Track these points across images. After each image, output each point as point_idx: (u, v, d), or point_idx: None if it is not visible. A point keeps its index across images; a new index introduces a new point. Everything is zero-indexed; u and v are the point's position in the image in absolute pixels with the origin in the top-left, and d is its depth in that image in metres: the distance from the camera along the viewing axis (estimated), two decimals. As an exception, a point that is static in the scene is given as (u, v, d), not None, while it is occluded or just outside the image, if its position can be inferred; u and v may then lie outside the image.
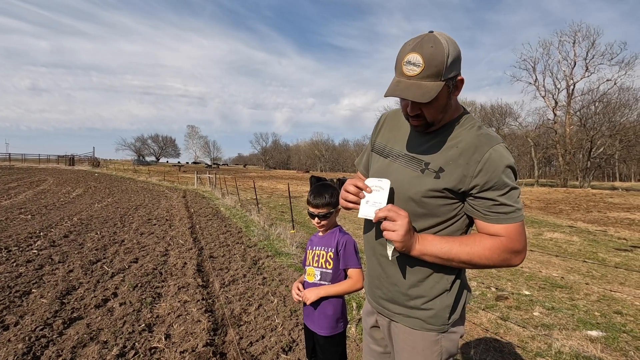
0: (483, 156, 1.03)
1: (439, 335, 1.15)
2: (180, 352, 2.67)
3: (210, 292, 4.06)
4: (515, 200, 1.05)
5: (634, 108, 36.58)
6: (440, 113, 1.08)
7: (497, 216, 1.04)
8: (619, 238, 9.76)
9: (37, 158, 49.56)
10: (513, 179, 1.05)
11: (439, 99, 1.03)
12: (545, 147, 45.10)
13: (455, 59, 1.00)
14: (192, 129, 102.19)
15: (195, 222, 8.98)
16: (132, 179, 28.51)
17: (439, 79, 0.99)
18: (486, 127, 1.13)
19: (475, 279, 5.19)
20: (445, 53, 0.97)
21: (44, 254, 5.28)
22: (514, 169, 1.06)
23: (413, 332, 1.17)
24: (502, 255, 1.05)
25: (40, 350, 2.62)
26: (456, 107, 1.14)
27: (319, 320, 1.76)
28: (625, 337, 3.39)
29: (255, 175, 46.65)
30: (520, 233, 1.05)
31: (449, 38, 1.01)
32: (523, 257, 1.07)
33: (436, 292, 1.14)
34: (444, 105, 1.06)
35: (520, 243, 1.05)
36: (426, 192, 1.08)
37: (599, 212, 15.60)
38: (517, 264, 1.08)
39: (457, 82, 1.05)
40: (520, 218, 1.05)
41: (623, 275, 5.80)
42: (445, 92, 1.03)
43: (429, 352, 1.15)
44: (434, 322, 1.14)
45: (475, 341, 3.17)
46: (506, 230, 1.04)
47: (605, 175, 68.22)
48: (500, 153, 1.03)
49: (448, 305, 1.14)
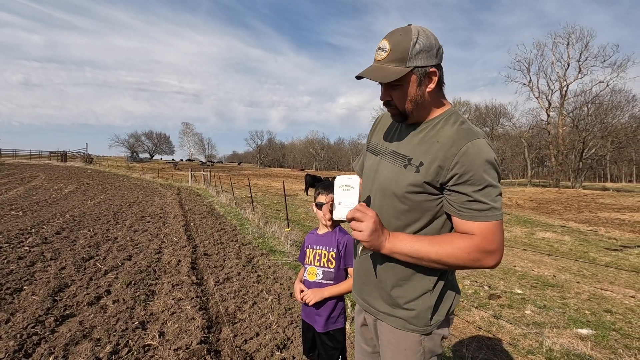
0: (460, 149, 1.01)
1: (421, 336, 1.14)
2: (174, 350, 2.66)
3: (204, 290, 4.04)
4: (493, 198, 1.01)
5: (625, 110, 37.11)
6: (410, 102, 1.09)
7: (470, 213, 1.02)
8: (610, 238, 9.90)
9: (29, 154, 48.88)
10: (493, 176, 1.01)
11: (405, 86, 1.06)
12: (538, 148, 45.54)
13: (424, 49, 1.03)
14: (187, 126, 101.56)
15: (190, 219, 8.93)
16: (125, 175, 28.26)
17: (403, 65, 1.03)
18: (472, 123, 1.13)
19: (468, 278, 5.23)
20: (412, 42, 1.02)
21: (36, 251, 5.22)
22: (494, 165, 1.02)
23: (396, 332, 1.17)
24: (473, 254, 1.01)
25: (32, 348, 2.60)
26: (439, 102, 1.15)
27: (320, 317, 1.79)
28: (615, 335, 3.45)
29: (250, 173, 46.53)
30: (494, 233, 1.01)
31: (424, 30, 1.05)
32: (497, 258, 1.03)
33: (418, 293, 1.13)
34: (414, 94, 1.08)
35: (494, 244, 1.01)
36: (407, 187, 1.09)
37: (590, 213, 15.81)
38: (491, 266, 1.03)
39: (428, 73, 1.06)
40: (495, 217, 1.01)
41: (613, 275, 5.89)
42: (413, 80, 1.06)
43: (411, 353, 1.14)
44: (416, 323, 1.13)
45: (468, 339, 3.21)
46: (479, 229, 1.01)
47: (597, 176, 69.07)
48: (479, 147, 1.01)
49: (430, 306, 1.13)
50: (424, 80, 1.07)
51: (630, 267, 6.55)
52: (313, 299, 1.75)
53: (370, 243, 1.06)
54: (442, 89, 1.17)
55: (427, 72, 1.06)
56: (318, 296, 1.75)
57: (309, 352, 1.92)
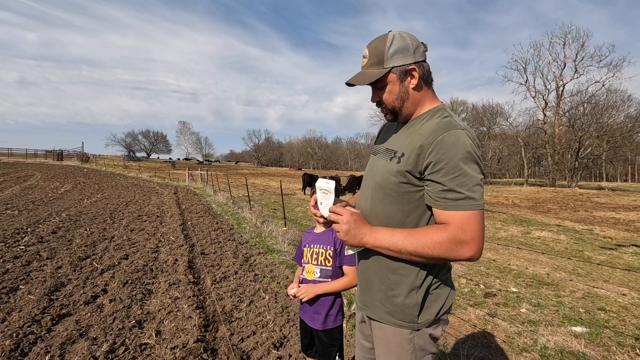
0: (436, 138, 1.04)
1: (412, 333, 1.14)
2: (170, 349, 2.67)
3: (201, 289, 4.05)
4: (469, 188, 1.00)
5: (621, 110, 37.35)
6: (396, 100, 1.16)
7: (445, 202, 1.03)
8: (605, 237, 9.98)
9: (24, 153, 48.57)
10: (470, 166, 1.01)
11: (389, 86, 1.14)
12: (534, 147, 45.75)
13: (400, 49, 1.11)
14: (184, 124, 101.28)
15: (187, 218, 8.92)
16: (122, 174, 28.14)
17: (382, 67, 1.12)
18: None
19: (464, 277, 5.27)
20: (388, 45, 1.11)
21: (32, 250, 5.20)
22: (471, 154, 1.02)
23: (385, 327, 1.19)
24: (447, 245, 1.01)
25: (29, 347, 2.60)
26: (428, 100, 1.18)
27: (317, 315, 1.80)
28: (608, 332, 3.48)
29: (248, 172, 46.46)
30: (470, 223, 1.00)
31: (399, 34, 1.13)
32: (473, 250, 1.01)
33: (405, 289, 1.14)
34: (398, 91, 1.15)
35: (469, 234, 1.00)
36: (390, 177, 1.14)
37: (586, 212, 15.92)
38: (467, 257, 1.01)
39: (407, 70, 1.12)
40: (471, 207, 1.00)
41: (607, 273, 5.95)
42: (394, 79, 1.13)
43: (401, 350, 1.16)
44: (402, 319, 1.14)
45: (464, 337, 3.23)
46: (453, 218, 1.01)
47: (593, 176, 69.51)
48: (456, 137, 1.03)
49: (417, 303, 1.13)
50: (405, 77, 1.14)
51: (624, 265, 6.61)
52: (306, 295, 1.76)
53: (348, 241, 1.14)
54: (431, 86, 1.20)
55: (406, 69, 1.13)
56: (312, 293, 1.76)
57: (307, 349, 1.93)
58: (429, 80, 1.18)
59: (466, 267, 5.89)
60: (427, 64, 1.17)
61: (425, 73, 1.15)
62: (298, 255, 1.99)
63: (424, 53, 1.15)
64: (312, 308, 1.81)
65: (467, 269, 5.81)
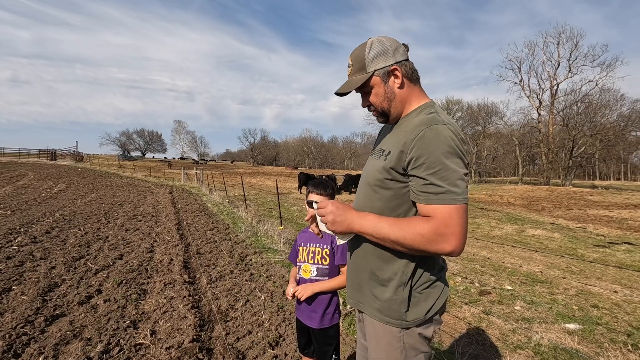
0: (418, 134, 1.05)
1: (401, 332, 1.14)
2: (166, 348, 2.66)
3: (197, 289, 4.03)
4: (451, 182, 1.00)
5: (614, 109, 37.72)
6: (384, 101, 1.19)
7: (426, 196, 1.03)
8: (598, 235, 10.09)
9: (17, 152, 48.01)
10: (452, 159, 1.02)
11: (374, 89, 1.18)
12: (529, 146, 46.09)
13: (379, 53, 1.15)
14: (179, 123, 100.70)
15: (182, 218, 8.88)
16: (116, 174, 27.94)
17: (364, 72, 1.17)
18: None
19: (460, 275, 5.30)
20: (367, 51, 1.16)
21: (25, 251, 5.15)
22: (453, 148, 1.02)
23: (375, 324, 1.19)
24: (427, 237, 1.01)
25: (22, 348, 2.58)
26: (416, 97, 1.20)
27: (314, 314, 1.80)
28: (601, 329, 3.52)
29: (243, 172, 46.33)
30: (452, 217, 1.00)
31: (378, 39, 1.18)
32: (454, 244, 1.00)
33: (392, 285, 1.15)
34: (383, 92, 1.18)
35: (449, 227, 1.00)
36: (376, 174, 1.17)
37: (580, 210, 16.07)
38: (448, 251, 1.01)
39: (389, 71, 1.16)
40: (453, 201, 1.00)
41: (600, 271, 6.01)
42: (378, 82, 1.17)
43: (390, 348, 1.16)
44: (390, 315, 1.15)
45: (459, 335, 3.25)
46: (434, 212, 1.02)
47: (586, 174, 70.21)
48: (437, 131, 1.04)
49: (403, 300, 1.13)
50: (388, 77, 1.17)
51: (617, 263, 6.68)
52: (304, 294, 1.76)
53: (336, 230, 1.17)
54: (417, 83, 1.21)
55: (389, 70, 1.16)
56: (309, 291, 1.76)
57: (304, 349, 1.93)
58: (413, 78, 1.19)
59: (461, 266, 5.93)
60: (409, 63, 1.19)
61: (408, 71, 1.18)
62: (293, 255, 1.99)
63: (404, 53, 1.18)
64: (309, 307, 1.81)
65: (462, 267, 5.84)
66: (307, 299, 1.78)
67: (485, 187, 31.10)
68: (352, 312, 3.41)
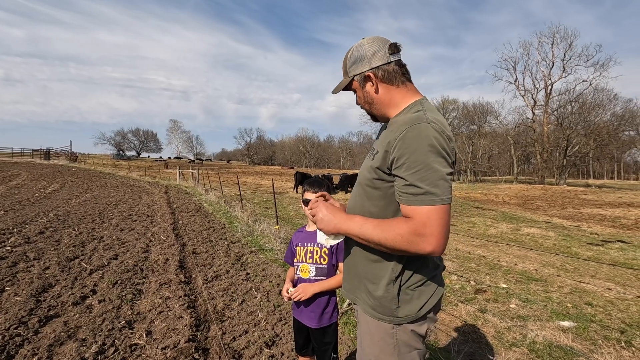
0: (401, 134, 1.05)
1: (394, 328, 1.15)
2: (161, 349, 2.64)
3: (192, 288, 4.02)
4: (431, 182, 0.99)
5: (607, 108, 38.08)
6: (365, 103, 1.25)
7: (407, 197, 1.03)
8: (591, 233, 10.18)
9: (10, 152, 47.47)
10: (433, 159, 1.00)
11: (356, 92, 1.25)
12: (524, 145, 46.39)
13: (356, 60, 1.20)
14: (175, 123, 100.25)
15: (178, 218, 8.84)
16: (111, 174, 27.75)
17: (347, 76, 1.24)
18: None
19: (455, 273, 5.32)
20: (348, 56, 1.22)
21: (18, 251, 5.10)
22: (435, 148, 1.01)
23: (368, 320, 1.21)
24: (407, 237, 1.01)
25: (15, 349, 2.55)
26: (402, 98, 1.20)
27: (313, 314, 1.80)
28: (595, 327, 3.56)
29: (240, 171, 46.19)
30: (430, 218, 0.99)
31: (360, 43, 1.20)
32: (433, 245, 0.99)
33: (383, 282, 1.16)
34: (363, 96, 1.23)
35: (428, 228, 0.99)
36: (366, 174, 1.20)
37: (574, 209, 16.21)
38: (428, 251, 1.00)
39: (365, 77, 1.19)
40: (431, 202, 0.99)
41: (594, 269, 6.07)
42: (357, 86, 1.23)
43: (383, 344, 1.17)
44: (383, 312, 1.16)
45: (455, 333, 3.27)
46: (414, 213, 1.02)
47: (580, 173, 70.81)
48: (419, 130, 1.02)
49: (393, 296, 1.14)
50: (365, 83, 1.21)
51: (610, 261, 6.75)
52: (304, 295, 1.75)
53: (324, 229, 1.21)
54: (402, 84, 1.20)
55: (364, 76, 1.19)
56: (309, 292, 1.76)
57: (301, 349, 1.93)
58: (395, 81, 1.18)
59: (457, 264, 5.95)
60: (389, 66, 1.17)
61: (386, 75, 1.17)
62: (288, 256, 1.98)
63: (384, 56, 1.16)
64: (308, 307, 1.80)
65: (458, 265, 5.87)
66: (306, 299, 1.78)
67: (480, 186, 31.26)
68: (348, 312, 3.41)
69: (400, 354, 1.16)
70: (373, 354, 1.19)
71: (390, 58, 1.17)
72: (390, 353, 1.16)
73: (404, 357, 1.16)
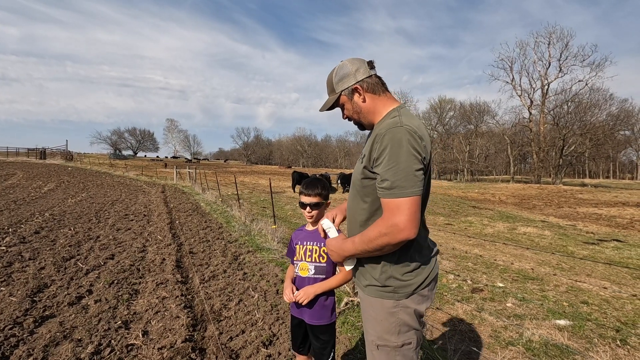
0: (380, 137, 1.21)
1: (396, 307, 1.29)
2: (158, 349, 2.63)
3: (189, 288, 4.00)
4: (400, 177, 1.14)
5: (603, 108, 38.35)
6: (354, 113, 1.41)
7: (382, 191, 1.19)
8: (587, 232, 10.24)
9: (5, 151, 47.12)
10: (405, 157, 1.15)
11: (345, 105, 1.42)
12: (520, 145, 46.61)
13: (342, 77, 1.38)
14: (172, 122, 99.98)
15: (175, 217, 8.81)
16: (108, 173, 27.61)
17: (334, 93, 1.42)
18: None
19: (452, 272, 5.34)
20: (333, 76, 1.41)
21: (13, 251, 5.06)
22: (406, 147, 1.16)
23: (369, 300, 1.35)
24: (385, 230, 1.16)
25: (10, 350, 2.53)
26: (384, 106, 1.37)
27: (316, 312, 1.81)
28: (591, 325, 3.58)
29: (237, 171, 46.09)
30: (400, 208, 1.14)
31: (342, 64, 1.39)
32: (407, 230, 1.14)
33: (381, 264, 1.31)
34: (352, 107, 1.40)
35: (396, 216, 1.14)
36: (357, 175, 1.37)
37: (570, 208, 16.30)
38: (406, 237, 1.15)
39: (352, 90, 1.37)
40: (400, 194, 1.14)
41: (590, 267, 6.10)
42: (346, 99, 1.40)
43: (386, 323, 1.30)
44: (382, 289, 1.31)
45: (451, 332, 3.28)
46: (387, 205, 1.18)
47: (576, 173, 71.23)
48: (393, 134, 1.18)
49: (390, 276, 1.30)
50: (352, 95, 1.38)
51: (606, 259, 6.79)
52: (306, 298, 1.77)
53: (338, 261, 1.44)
54: (383, 93, 1.38)
55: (352, 89, 1.37)
56: (311, 294, 1.77)
57: (299, 346, 1.93)
58: (377, 90, 1.37)
59: (454, 263, 5.97)
60: (371, 79, 1.37)
61: (370, 86, 1.36)
62: (291, 251, 1.97)
63: (366, 71, 1.37)
64: (307, 305, 1.80)
65: (454, 264, 5.89)
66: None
67: (477, 186, 31.38)
68: (345, 311, 3.41)
69: (401, 332, 1.29)
70: (376, 334, 1.32)
71: (370, 72, 1.37)
72: (392, 332, 1.29)
73: (403, 337, 1.30)
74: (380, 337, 1.32)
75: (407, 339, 1.30)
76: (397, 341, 1.29)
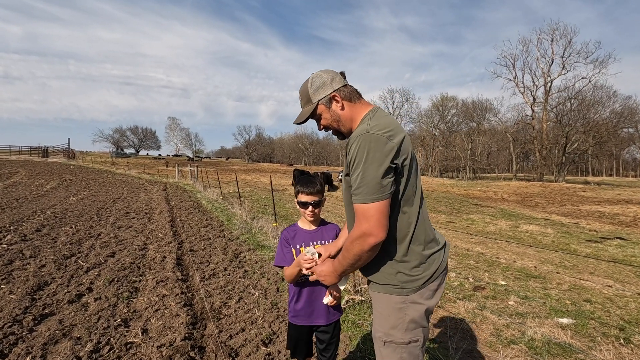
0: (351, 144, 1.25)
1: (404, 303, 1.29)
2: (157, 347, 2.62)
3: (189, 286, 3.99)
4: (366, 182, 1.16)
5: (606, 105, 38.09)
6: (333, 122, 1.41)
7: (354, 197, 1.23)
8: (590, 230, 10.18)
9: (8, 149, 47.29)
10: (372, 162, 1.16)
11: (323, 114, 1.41)
12: (523, 143, 46.39)
13: (319, 86, 1.38)
14: (173, 120, 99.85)
15: (176, 215, 8.80)
16: (110, 171, 27.67)
17: (311, 103, 1.41)
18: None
19: (454, 270, 5.31)
20: (309, 86, 1.40)
21: (14, 249, 5.07)
22: (374, 151, 1.17)
23: (377, 297, 1.36)
24: (358, 237, 1.20)
25: (9, 348, 2.52)
26: (359, 112, 1.39)
27: (321, 311, 1.79)
28: (594, 323, 3.54)
29: (238, 169, 46.12)
30: (367, 212, 1.17)
31: (316, 75, 1.41)
32: (375, 234, 1.17)
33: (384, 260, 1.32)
34: (330, 116, 1.41)
35: (363, 223, 1.18)
36: (344, 184, 1.41)
37: (572, 206, 16.22)
38: (378, 240, 1.18)
39: (330, 98, 1.38)
40: (367, 200, 1.17)
41: (593, 265, 6.06)
42: (324, 109, 1.40)
43: (394, 319, 1.30)
44: (390, 285, 1.31)
45: (453, 330, 3.25)
46: (357, 210, 1.22)
47: (579, 170, 70.93)
48: (360, 140, 1.21)
49: (397, 271, 1.30)
50: (330, 103, 1.39)
51: (609, 257, 6.75)
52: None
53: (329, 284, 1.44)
54: (358, 100, 1.40)
55: (329, 97, 1.38)
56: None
57: (305, 355, 1.88)
58: (353, 98, 1.39)
59: (456, 261, 5.94)
60: (347, 87, 1.40)
61: (346, 94, 1.39)
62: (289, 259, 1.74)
63: (341, 80, 1.40)
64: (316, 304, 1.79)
65: (456, 262, 5.86)
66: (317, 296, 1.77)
67: (479, 184, 31.29)
68: (346, 309, 3.39)
69: (408, 330, 1.29)
70: (383, 330, 1.33)
71: (344, 81, 1.41)
72: (399, 328, 1.30)
73: (410, 334, 1.29)
74: (387, 334, 1.32)
75: (414, 336, 1.30)
76: (403, 338, 1.29)
